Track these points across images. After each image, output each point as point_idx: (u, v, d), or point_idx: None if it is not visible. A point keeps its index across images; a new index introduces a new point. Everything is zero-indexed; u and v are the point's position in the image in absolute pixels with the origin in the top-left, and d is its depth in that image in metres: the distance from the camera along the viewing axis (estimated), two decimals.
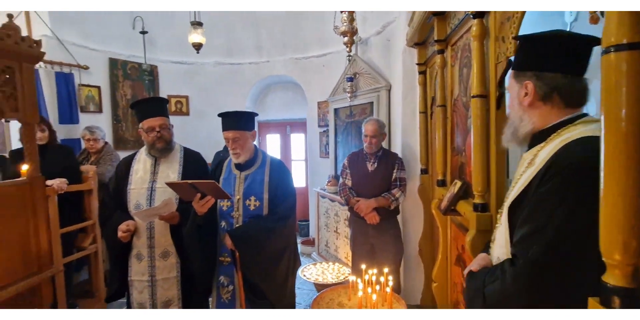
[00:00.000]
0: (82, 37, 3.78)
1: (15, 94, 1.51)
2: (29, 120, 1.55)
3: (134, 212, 1.91)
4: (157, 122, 1.98)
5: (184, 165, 2.07)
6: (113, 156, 3.20)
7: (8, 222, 1.35)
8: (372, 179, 2.59)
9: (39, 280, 1.41)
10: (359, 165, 2.68)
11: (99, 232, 2.77)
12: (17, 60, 1.55)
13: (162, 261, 1.96)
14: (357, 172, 2.67)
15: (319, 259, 3.85)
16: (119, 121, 4.04)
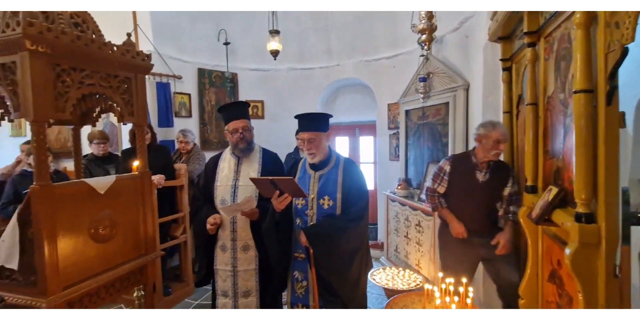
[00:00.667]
0: (177, 51, 4.29)
1: (131, 101, 1.76)
2: (141, 123, 1.80)
3: (220, 206, 2.10)
4: (240, 124, 2.16)
5: (262, 164, 2.22)
6: (200, 156, 3.56)
7: (125, 209, 1.59)
8: (482, 192, 2.17)
9: (145, 261, 1.63)
10: (465, 174, 2.22)
11: (189, 223, 3.09)
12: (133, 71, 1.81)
13: (243, 253, 2.11)
14: (462, 181, 2.23)
15: (387, 264, 3.78)
16: (204, 124, 4.48)
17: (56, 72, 1.40)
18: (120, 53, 1.71)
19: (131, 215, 1.63)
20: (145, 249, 1.68)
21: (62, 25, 1.53)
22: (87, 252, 1.41)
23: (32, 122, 1.29)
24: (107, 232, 1.49)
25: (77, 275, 1.35)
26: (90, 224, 1.43)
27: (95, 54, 1.57)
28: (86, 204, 1.43)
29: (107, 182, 1.52)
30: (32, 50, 1.31)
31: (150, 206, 1.74)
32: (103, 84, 1.62)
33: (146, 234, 1.70)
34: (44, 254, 1.24)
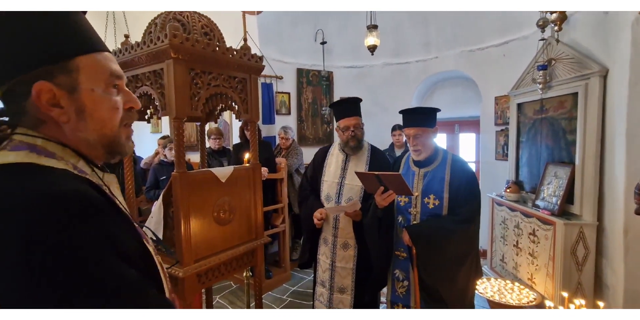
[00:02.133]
0: (279, 53, 4.60)
1: (246, 99, 1.94)
2: (254, 120, 1.96)
3: (326, 205, 2.16)
4: (352, 121, 2.17)
5: (370, 163, 2.20)
6: (298, 151, 3.76)
7: (241, 197, 1.77)
8: None
9: (255, 245, 1.79)
10: None
11: (288, 213, 3.30)
12: (248, 72, 1.98)
13: (342, 251, 2.15)
14: None
15: (491, 274, 3.43)
16: (301, 121, 4.72)
17: (191, 76, 1.63)
18: (238, 56, 1.89)
19: (244, 202, 1.81)
20: (255, 234, 1.84)
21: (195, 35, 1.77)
22: (211, 232, 1.61)
23: (174, 119, 1.52)
24: (226, 216, 1.68)
25: (204, 251, 1.56)
26: (214, 208, 1.63)
27: (220, 59, 1.77)
28: (211, 190, 1.63)
29: (227, 171, 1.71)
30: (175, 58, 1.54)
31: (259, 195, 1.91)
32: (225, 84, 1.82)
33: (256, 220, 1.86)
34: (181, 230, 1.46)
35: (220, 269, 1.64)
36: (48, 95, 0.55)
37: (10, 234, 0.44)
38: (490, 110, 4.17)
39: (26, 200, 0.46)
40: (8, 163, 0.52)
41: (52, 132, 0.58)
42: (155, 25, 1.74)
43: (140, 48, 1.61)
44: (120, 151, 0.64)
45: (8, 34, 0.53)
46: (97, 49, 0.60)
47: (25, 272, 0.43)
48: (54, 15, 0.56)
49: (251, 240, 1.81)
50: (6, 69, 0.54)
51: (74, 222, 0.47)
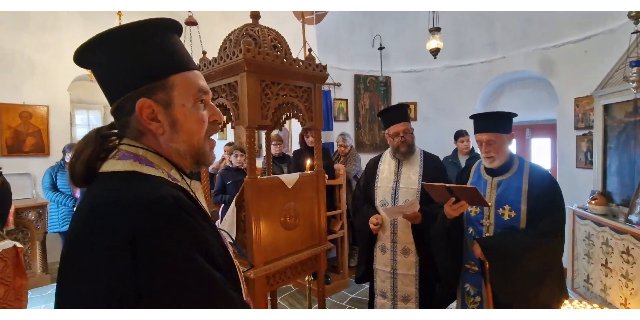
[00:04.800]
0: (337, 60, 4.66)
1: (311, 108, 1.99)
2: (318, 127, 2.01)
3: (381, 208, 2.14)
4: (400, 127, 2.15)
5: (424, 168, 2.15)
6: (356, 157, 3.76)
7: (305, 202, 1.81)
8: None
9: (319, 251, 1.81)
10: None
11: (346, 219, 3.30)
12: (312, 81, 2.03)
13: (402, 257, 2.09)
14: None
15: (573, 296, 3.06)
16: (359, 127, 4.72)
17: (262, 87, 1.72)
18: (304, 67, 1.96)
19: (309, 208, 1.85)
20: (318, 239, 1.87)
21: (265, 48, 1.86)
22: (278, 236, 1.66)
23: (247, 128, 1.62)
24: (292, 221, 1.73)
25: (271, 255, 1.62)
26: (281, 213, 1.69)
27: (287, 69, 1.84)
28: (278, 195, 1.69)
29: (293, 178, 1.76)
30: (248, 71, 1.63)
31: (322, 201, 1.93)
32: (291, 94, 1.89)
33: (319, 225, 1.89)
34: (252, 233, 1.53)
35: (286, 272, 1.69)
36: (148, 111, 0.61)
37: (117, 232, 0.49)
38: (569, 113, 3.78)
39: (131, 204, 0.52)
40: (117, 171, 0.60)
41: (150, 143, 0.65)
42: (230, 41, 1.87)
43: (217, 63, 1.75)
44: (205, 161, 0.70)
45: (119, 58, 0.61)
46: (189, 68, 0.66)
47: (122, 265, 0.48)
48: (155, 38, 0.63)
49: (315, 245, 1.84)
50: (117, 88, 0.62)
51: (169, 225, 0.51)
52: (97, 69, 0.64)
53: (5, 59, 4.00)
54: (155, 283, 0.48)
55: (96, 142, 0.63)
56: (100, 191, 0.57)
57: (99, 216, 0.52)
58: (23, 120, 4.03)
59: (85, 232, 0.52)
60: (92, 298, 0.48)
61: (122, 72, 0.61)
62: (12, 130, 3.94)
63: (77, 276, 0.51)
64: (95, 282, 0.48)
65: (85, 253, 0.50)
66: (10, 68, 4.03)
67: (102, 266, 0.48)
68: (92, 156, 0.61)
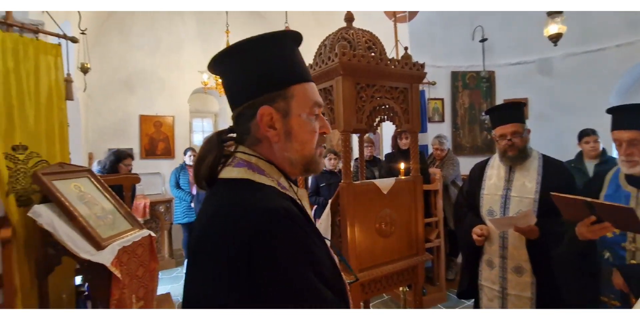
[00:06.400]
0: (431, 58, 4.39)
1: (407, 109, 1.89)
2: (415, 129, 1.89)
3: (488, 218, 1.91)
4: (508, 129, 1.88)
5: (543, 175, 1.84)
6: (454, 161, 3.46)
7: (401, 210, 1.72)
8: None
9: (417, 261, 1.70)
10: None
11: (443, 228, 3.06)
12: (409, 81, 1.93)
13: (514, 276, 1.83)
14: None
15: None
16: (457, 128, 4.35)
17: (357, 90, 1.69)
18: (400, 66, 1.87)
19: (405, 216, 1.75)
20: (416, 249, 1.75)
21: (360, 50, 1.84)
22: (373, 243, 1.61)
23: (342, 132, 1.61)
24: (387, 228, 1.66)
25: (366, 262, 1.58)
26: (376, 219, 1.64)
27: (383, 71, 1.78)
28: (374, 201, 1.64)
29: (389, 183, 1.69)
30: (343, 75, 1.63)
31: (420, 209, 1.81)
32: (387, 96, 1.82)
33: (417, 234, 1.77)
34: (347, 238, 1.51)
35: (381, 281, 1.63)
36: (267, 118, 0.64)
37: (230, 242, 0.51)
38: None
39: (245, 213, 0.54)
40: (232, 178, 0.64)
41: (265, 151, 0.67)
42: (325, 46, 1.90)
43: (313, 69, 1.79)
44: (315, 169, 0.71)
45: (246, 67, 0.65)
46: (307, 80, 0.69)
47: (233, 271, 0.50)
48: (279, 50, 0.66)
49: (412, 255, 1.73)
50: (242, 95, 0.66)
51: (280, 237, 0.52)
52: (226, 77, 0.69)
53: (144, 78, 4.86)
54: (266, 296, 0.49)
55: (218, 147, 0.68)
56: (219, 198, 0.62)
57: (216, 224, 0.56)
58: (156, 129, 4.84)
59: (205, 238, 0.56)
60: (212, 296, 0.51)
61: (247, 80, 0.65)
62: (148, 137, 4.77)
63: (199, 276, 0.55)
64: (211, 284, 0.51)
65: (206, 256, 0.54)
66: (148, 85, 4.88)
67: (220, 269, 0.51)
68: (215, 161, 0.66)
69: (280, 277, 0.50)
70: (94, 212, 1.92)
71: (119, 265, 1.75)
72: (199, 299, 0.54)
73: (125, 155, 3.19)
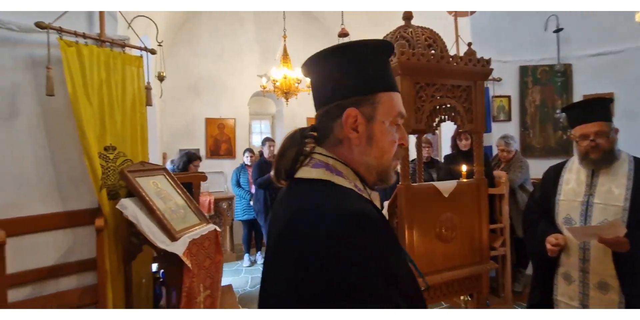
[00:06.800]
0: (497, 53, 4.09)
1: (471, 108, 1.79)
2: (479, 129, 1.79)
3: (566, 227, 1.73)
4: (591, 128, 1.68)
5: (634, 180, 1.62)
6: (522, 163, 3.19)
7: (463, 214, 1.63)
8: None
9: (481, 270, 1.60)
10: None
11: (509, 235, 2.84)
12: (473, 79, 1.83)
13: (598, 293, 1.63)
14: None
15: None
16: (526, 128, 4.00)
17: (416, 90, 1.65)
18: (463, 63, 1.78)
19: (468, 221, 1.66)
20: (480, 257, 1.65)
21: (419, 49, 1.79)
22: (433, 248, 1.56)
23: None
24: (448, 233, 1.59)
25: (426, 267, 1.53)
26: (436, 223, 1.58)
27: (444, 69, 1.72)
28: (434, 204, 1.59)
29: (451, 186, 1.62)
30: (402, 74, 1.60)
31: (484, 214, 1.71)
32: (449, 95, 1.75)
33: (480, 241, 1.68)
34: (405, 241, 1.48)
35: (442, 288, 1.57)
36: (352, 120, 0.65)
37: (315, 239, 0.52)
38: None
39: (326, 214, 0.55)
40: (312, 178, 0.65)
41: (344, 152, 0.68)
42: None
43: None
44: (387, 180, 0.71)
45: (341, 69, 0.68)
46: (395, 89, 0.70)
47: (315, 272, 0.50)
48: (373, 57, 0.68)
49: (475, 263, 1.64)
50: (331, 95, 0.69)
51: (358, 240, 0.52)
52: (319, 76, 0.72)
53: (209, 83, 5.23)
54: (333, 297, 0.49)
55: (300, 143, 0.70)
56: (299, 198, 0.64)
57: (297, 224, 0.57)
58: (219, 131, 5.19)
59: (285, 238, 0.58)
60: (283, 294, 0.53)
61: (340, 82, 0.68)
62: (213, 139, 5.13)
63: (275, 273, 0.57)
64: (285, 282, 0.53)
65: (284, 255, 0.57)
66: (212, 90, 5.25)
67: (294, 268, 0.53)
68: (295, 156, 0.69)
69: (352, 280, 0.50)
70: (169, 206, 2.12)
71: (189, 255, 1.91)
72: (272, 295, 0.56)
73: (195, 157, 3.58)
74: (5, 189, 1.89)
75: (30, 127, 1.99)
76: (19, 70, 1.97)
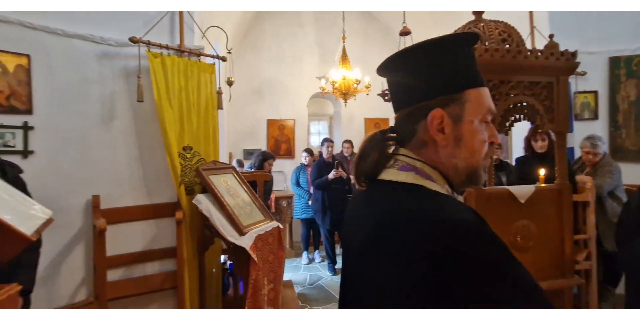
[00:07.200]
0: (581, 44, 3.66)
1: (552, 107, 1.64)
2: (562, 130, 1.63)
3: None
4: None
5: None
6: (613, 168, 2.82)
7: (542, 222, 1.50)
8: None
9: (562, 284, 1.45)
10: None
11: (595, 248, 2.53)
12: (555, 74, 1.67)
13: None
14: None
15: None
16: (617, 128, 3.52)
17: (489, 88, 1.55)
18: (544, 57, 1.64)
19: (548, 230, 1.52)
20: (561, 270, 1.50)
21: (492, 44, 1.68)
22: None
23: None
24: (524, 242, 1.47)
25: None
26: (510, 231, 1.47)
27: (521, 64, 1.59)
28: (507, 210, 1.48)
29: (527, 191, 1.50)
30: None
31: (568, 223, 1.55)
32: (526, 92, 1.62)
33: (562, 253, 1.52)
34: None
35: None
36: (438, 122, 0.61)
37: (421, 252, 0.49)
38: None
39: (435, 224, 0.51)
40: (402, 181, 0.62)
41: (430, 155, 0.64)
42: None
43: None
44: (477, 181, 0.66)
45: (422, 69, 0.65)
46: (482, 84, 0.65)
47: (421, 286, 0.48)
48: (456, 51, 0.64)
49: (555, 277, 1.49)
50: (413, 96, 0.65)
51: (477, 254, 0.48)
52: (399, 76, 0.69)
53: (271, 86, 5.47)
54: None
55: (382, 145, 0.68)
56: (390, 202, 0.61)
57: (390, 228, 0.55)
58: (280, 131, 5.39)
59: (380, 244, 0.56)
60: (393, 299, 0.52)
61: (422, 82, 0.64)
62: (274, 139, 5.35)
63: (378, 277, 0.56)
64: (394, 289, 0.51)
65: (386, 262, 0.54)
66: (273, 92, 5.48)
67: (404, 281, 0.50)
68: (379, 159, 0.66)
69: (475, 297, 0.47)
70: (237, 202, 2.27)
71: (255, 250, 2.03)
72: (384, 297, 0.53)
73: (270, 156, 3.98)
74: (104, 183, 2.19)
75: (123, 129, 2.28)
76: (116, 79, 2.27)
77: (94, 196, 2.11)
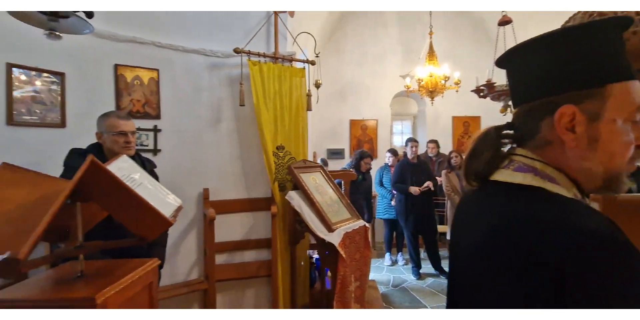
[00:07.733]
0: None
1: None
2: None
3: None
4: None
5: None
6: None
7: None
8: None
9: None
10: None
11: None
12: None
13: None
14: None
15: None
16: None
17: None
18: None
19: None
20: None
21: None
22: None
23: None
24: None
25: None
26: None
27: None
28: None
29: None
30: None
31: None
32: None
33: None
34: None
35: None
36: (567, 119, 0.54)
37: (542, 262, 0.44)
38: None
39: (555, 231, 0.46)
40: (518, 183, 0.56)
41: (554, 154, 0.57)
42: None
43: None
44: (617, 188, 0.57)
45: (553, 60, 0.57)
46: (631, 77, 0.55)
47: (536, 295, 0.43)
48: (599, 40, 0.55)
49: None
50: (537, 90, 0.58)
51: (610, 269, 0.42)
52: (523, 68, 0.62)
53: (353, 87, 5.52)
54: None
55: (497, 143, 0.63)
56: (507, 205, 0.55)
57: (506, 233, 0.50)
58: (362, 131, 5.41)
59: (489, 247, 0.52)
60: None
61: (550, 75, 0.57)
62: (356, 139, 5.40)
63: (489, 286, 0.52)
64: (503, 298, 0.48)
65: (486, 266, 0.51)
66: (355, 93, 5.52)
67: (519, 288, 0.46)
68: (493, 158, 0.61)
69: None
70: (325, 200, 2.36)
71: (343, 247, 2.08)
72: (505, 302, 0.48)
73: (367, 155, 4.16)
74: (213, 178, 2.49)
75: (228, 131, 2.56)
76: (222, 87, 2.56)
77: (204, 189, 2.42)
